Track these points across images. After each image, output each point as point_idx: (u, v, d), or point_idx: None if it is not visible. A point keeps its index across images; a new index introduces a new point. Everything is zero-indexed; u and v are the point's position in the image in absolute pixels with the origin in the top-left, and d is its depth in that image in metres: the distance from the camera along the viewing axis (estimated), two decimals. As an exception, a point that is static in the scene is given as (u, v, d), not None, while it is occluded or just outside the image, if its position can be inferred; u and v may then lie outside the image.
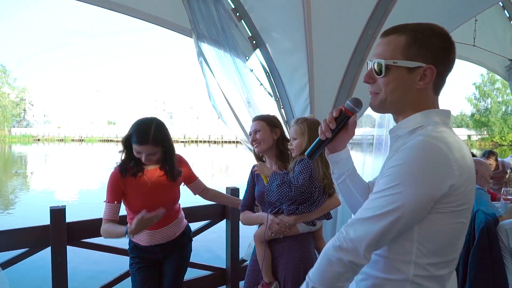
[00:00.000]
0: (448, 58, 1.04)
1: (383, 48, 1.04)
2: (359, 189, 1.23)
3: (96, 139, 66.72)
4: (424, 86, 1.02)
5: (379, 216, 0.93)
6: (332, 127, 1.11)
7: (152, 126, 2.01)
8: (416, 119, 1.04)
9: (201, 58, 2.80)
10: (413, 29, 1.02)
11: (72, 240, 2.50)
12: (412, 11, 3.01)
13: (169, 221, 2.23)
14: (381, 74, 1.03)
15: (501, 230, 2.37)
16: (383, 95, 1.04)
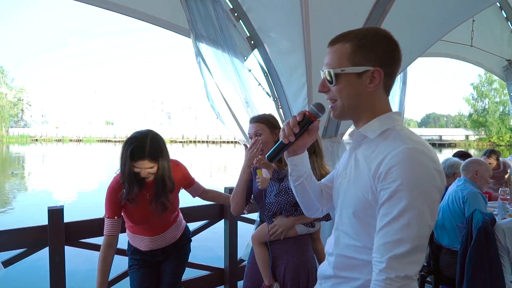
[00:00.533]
0: (394, 59, 1.09)
1: (331, 57, 1.09)
2: (314, 191, 1.29)
3: (94, 139, 66.61)
4: (374, 89, 1.07)
5: (415, 237, 0.93)
6: (296, 131, 1.13)
7: (147, 139, 1.97)
8: (383, 121, 1.08)
9: (199, 58, 2.80)
10: (357, 35, 1.07)
11: (70, 240, 2.50)
12: (410, 11, 3.01)
13: (169, 226, 2.25)
14: (333, 83, 1.08)
15: (498, 229, 2.38)
16: (340, 102, 1.09)
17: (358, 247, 1.09)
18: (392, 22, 2.90)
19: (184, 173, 2.29)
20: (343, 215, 1.15)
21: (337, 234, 1.17)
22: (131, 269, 2.24)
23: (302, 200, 1.31)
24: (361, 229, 1.07)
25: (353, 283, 1.10)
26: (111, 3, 2.77)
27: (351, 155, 1.15)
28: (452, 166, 3.77)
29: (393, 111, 1.12)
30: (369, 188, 1.02)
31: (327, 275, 1.19)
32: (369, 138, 1.09)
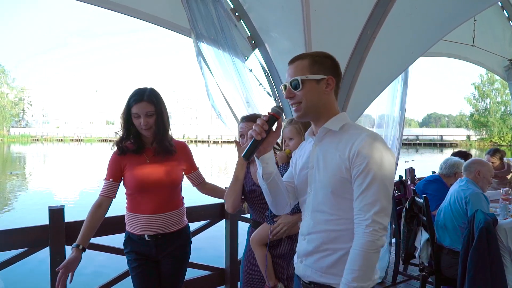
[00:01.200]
0: (338, 71, 1.42)
1: (294, 71, 1.38)
2: (284, 186, 1.49)
3: (95, 139, 66.66)
4: (330, 92, 1.39)
5: (384, 198, 1.26)
6: (265, 129, 1.33)
7: (147, 88, 2.13)
8: (340, 118, 1.40)
9: (200, 58, 2.80)
10: (311, 54, 1.40)
11: (71, 240, 2.49)
12: (411, 11, 3.01)
13: (168, 208, 2.17)
14: (298, 89, 1.36)
15: (500, 229, 2.37)
16: (304, 103, 1.37)
17: (336, 220, 1.33)
18: (393, 22, 2.89)
19: (190, 154, 2.33)
20: (318, 197, 1.38)
21: (313, 215, 1.39)
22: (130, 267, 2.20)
23: (274, 196, 1.48)
24: (337, 204, 1.33)
25: (338, 253, 1.33)
26: (112, 3, 2.77)
27: (315, 149, 1.42)
28: (453, 165, 3.76)
29: (341, 112, 1.45)
30: (343, 168, 1.30)
31: (308, 251, 1.40)
32: (331, 132, 1.38)
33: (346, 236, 1.31)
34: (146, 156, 2.15)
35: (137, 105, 2.06)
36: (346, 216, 1.31)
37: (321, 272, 1.36)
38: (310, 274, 1.39)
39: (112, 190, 2.14)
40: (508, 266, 2.30)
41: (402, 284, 3.74)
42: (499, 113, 49.94)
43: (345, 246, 1.31)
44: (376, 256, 1.25)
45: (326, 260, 1.35)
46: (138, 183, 2.11)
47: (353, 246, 1.26)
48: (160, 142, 2.15)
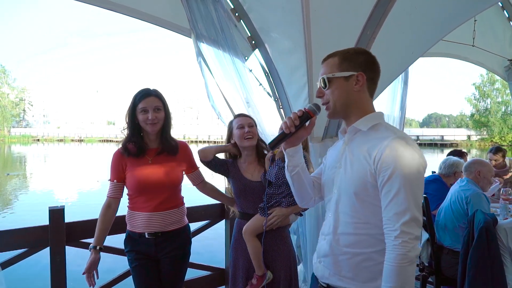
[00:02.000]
0: (373, 66, 1.36)
1: (324, 69, 1.36)
2: (309, 181, 1.50)
3: (95, 139, 66.68)
4: (360, 89, 1.33)
5: (414, 206, 1.19)
6: (296, 124, 1.33)
7: (151, 88, 2.19)
8: (371, 118, 1.34)
9: (200, 58, 2.80)
10: (342, 51, 1.36)
11: (71, 240, 2.50)
12: (411, 11, 3.00)
13: (169, 207, 2.19)
14: (326, 87, 1.34)
15: (500, 229, 2.38)
16: (332, 101, 1.34)
17: (359, 224, 1.29)
18: (393, 22, 2.89)
19: (190, 154, 2.36)
20: (342, 198, 1.34)
21: (336, 216, 1.36)
22: (131, 267, 2.22)
23: (298, 189, 1.50)
24: (360, 208, 1.28)
25: (357, 258, 1.29)
26: (111, 3, 2.77)
27: (344, 149, 1.37)
28: (452, 165, 3.76)
29: (378, 111, 1.38)
30: (368, 171, 1.25)
31: (327, 253, 1.37)
32: (362, 131, 1.33)
33: (366, 241, 1.28)
34: (148, 157, 2.17)
35: (145, 100, 2.10)
36: (368, 220, 1.28)
37: (339, 275, 1.33)
38: (328, 276, 1.37)
39: (118, 191, 2.19)
40: (508, 265, 2.30)
41: (402, 284, 3.73)
42: (499, 113, 49.86)
43: (364, 251, 1.28)
44: (411, 268, 1.19)
45: (344, 264, 1.32)
46: (138, 184, 2.14)
47: (385, 259, 1.21)
48: (166, 140, 2.20)
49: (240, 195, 2.31)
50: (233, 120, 2.37)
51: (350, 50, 1.37)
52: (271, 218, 2.14)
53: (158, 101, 2.13)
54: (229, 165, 2.36)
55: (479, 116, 51.57)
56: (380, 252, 1.26)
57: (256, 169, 2.33)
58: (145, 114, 2.10)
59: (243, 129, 2.23)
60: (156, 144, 2.22)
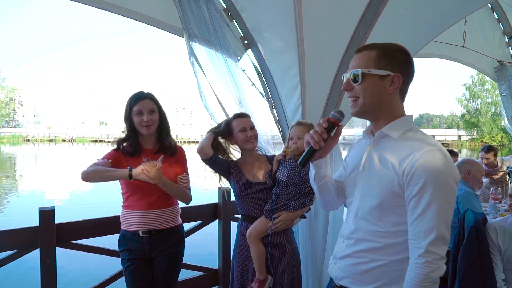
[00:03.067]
0: (410, 69, 1.27)
1: (358, 61, 1.26)
2: (335, 188, 1.46)
3: (87, 140, 66.03)
4: (393, 91, 1.24)
5: (443, 225, 1.14)
6: (324, 137, 1.25)
7: (145, 91, 2.24)
8: (402, 123, 1.25)
9: (193, 58, 2.78)
10: (382, 46, 1.26)
11: (62, 242, 2.47)
12: (402, 12, 3.03)
13: (162, 206, 2.21)
14: (357, 82, 1.24)
15: (490, 228, 2.40)
16: (362, 99, 1.25)
17: (380, 232, 1.24)
18: (385, 22, 2.91)
19: (185, 158, 2.37)
20: (364, 204, 1.29)
21: (356, 221, 1.31)
22: (124, 266, 2.21)
23: (324, 197, 1.47)
24: (384, 216, 1.23)
25: (374, 263, 1.25)
26: (103, 2, 2.75)
27: (369, 152, 1.30)
28: None
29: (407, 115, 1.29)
30: (396, 181, 1.18)
31: (344, 255, 1.34)
32: (390, 137, 1.25)
33: (385, 250, 1.24)
34: (144, 157, 2.16)
35: (139, 103, 2.14)
36: (389, 229, 1.23)
37: (352, 278, 1.31)
38: (341, 277, 1.35)
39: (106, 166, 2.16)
40: (497, 263, 2.33)
41: (394, 283, 3.76)
42: (489, 113, 50.53)
43: (382, 258, 1.24)
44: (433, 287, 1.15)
45: (359, 267, 1.29)
46: (132, 184, 2.13)
47: (407, 275, 1.18)
48: (164, 142, 2.23)
49: (243, 197, 2.25)
50: (233, 120, 2.29)
51: (391, 46, 1.26)
52: (277, 223, 2.09)
53: (152, 103, 2.18)
54: (230, 166, 2.30)
55: (469, 116, 52.21)
56: (398, 261, 1.23)
57: (257, 170, 2.29)
58: (140, 116, 2.14)
59: (246, 132, 2.20)
60: (151, 144, 2.25)
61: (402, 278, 1.22)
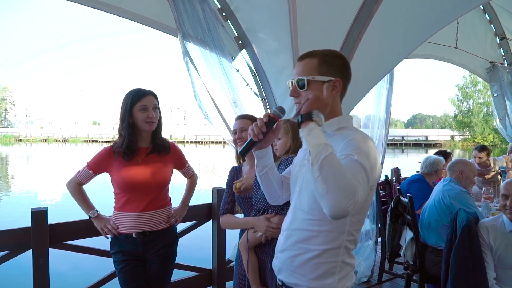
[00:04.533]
0: (348, 73, 1.38)
1: (302, 69, 1.35)
2: (277, 181, 1.53)
3: (80, 140, 65.54)
4: (335, 95, 1.35)
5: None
6: (263, 131, 1.34)
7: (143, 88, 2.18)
8: (339, 120, 1.37)
9: (187, 58, 2.78)
10: (321, 53, 1.35)
11: (55, 242, 2.45)
12: (396, 13, 3.05)
13: (156, 207, 2.19)
14: (303, 88, 1.32)
15: (482, 227, 2.42)
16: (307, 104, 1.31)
17: (312, 220, 1.30)
18: (378, 23, 2.93)
19: (179, 152, 2.37)
20: (302, 195, 1.36)
21: (294, 212, 1.39)
22: (116, 268, 2.18)
23: (266, 188, 1.54)
24: (316, 205, 1.25)
25: (309, 254, 1.30)
26: (98, 2, 2.74)
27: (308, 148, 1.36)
28: (432, 164, 3.85)
29: (345, 114, 1.42)
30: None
31: (283, 248, 1.40)
32: (326, 133, 1.33)
33: (319, 238, 1.29)
34: (138, 157, 2.16)
35: (144, 98, 2.11)
36: (322, 217, 1.26)
37: (290, 271, 1.35)
38: (281, 271, 1.40)
39: (88, 179, 2.21)
40: (489, 262, 2.35)
41: (388, 283, 3.78)
42: (481, 114, 51.04)
43: (316, 247, 1.29)
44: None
45: (296, 259, 1.34)
46: (126, 184, 2.13)
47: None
48: (157, 141, 2.21)
49: (243, 201, 2.18)
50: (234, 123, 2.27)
51: (329, 53, 1.36)
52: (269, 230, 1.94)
53: (155, 100, 2.16)
54: (234, 175, 2.25)
55: (462, 116, 52.70)
56: (331, 250, 1.28)
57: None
58: (145, 112, 2.10)
59: (235, 135, 2.16)
60: (146, 143, 2.21)
61: (337, 270, 1.29)
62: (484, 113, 50.67)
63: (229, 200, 2.22)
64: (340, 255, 1.29)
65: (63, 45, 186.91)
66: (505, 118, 6.50)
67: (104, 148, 2.20)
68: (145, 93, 2.13)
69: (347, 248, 1.31)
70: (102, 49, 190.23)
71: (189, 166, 2.48)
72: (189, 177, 2.52)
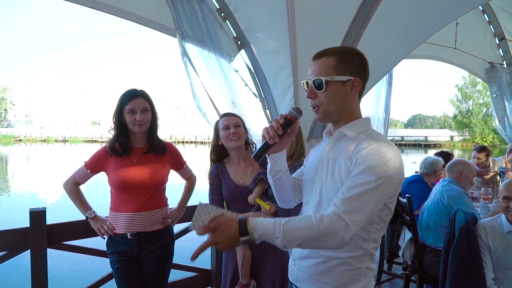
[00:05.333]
0: (366, 71, 1.31)
1: (318, 68, 1.27)
2: (291, 184, 1.46)
3: (80, 140, 65.48)
4: (354, 95, 1.29)
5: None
6: (280, 133, 1.28)
7: (138, 89, 2.17)
8: (360, 123, 1.30)
9: (185, 58, 2.78)
10: (338, 51, 1.27)
11: (53, 243, 2.45)
12: (395, 13, 3.05)
13: (151, 207, 2.18)
14: (321, 89, 1.25)
15: (480, 228, 2.43)
16: (325, 106, 1.27)
17: None
18: (377, 24, 2.93)
19: (177, 153, 2.37)
20: (322, 203, 1.29)
21: None
22: (113, 268, 2.18)
23: (279, 192, 1.47)
24: None
25: (332, 262, 1.25)
26: (96, 2, 2.74)
27: (328, 151, 1.33)
28: (431, 164, 3.85)
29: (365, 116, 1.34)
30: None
31: (303, 255, 1.33)
32: (347, 136, 1.28)
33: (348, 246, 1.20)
34: (134, 157, 2.15)
35: (133, 101, 2.09)
36: (360, 239, 1.23)
37: (313, 279, 1.30)
38: (302, 280, 1.34)
39: (85, 178, 2.22)
40: (487, 262, 2.35)
41: (387, 283, 3.78)
42: (481, 114, 51.02)
43: (340, 255, 1.24)
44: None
45: (319, 267, 1.28)
46: (122, 184, 2.13)
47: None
48: (153, 141, 2.20)
49: (230, 201, 2.21)
50: (219, 120, 2.27)
51: (346, 50, 1.28)
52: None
53: (145, 102, 2.12)
54: (219, 173, 2.25)
55: (461, 117, 52.69)
56: (356, 258, 1.25)
57: (244, 172, 2.23)
58: (132, 115, 2.09)
59: (229, 130, 2.14)
60: (142, 143, 2.21)
61: (361, 277, 1.25)
62: (484, 114, 50.66)
63: (217, 199, 2.23)
64: (365, 261, 1.26)
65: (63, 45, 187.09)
66: (504, 118, 6.50)
67: (101, 148, 2.21)
68: (135, 96, 2.10)
69: (371, 255, 1.27)
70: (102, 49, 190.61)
71: (187, 167, 2.45)
72: (187, 178, 2.50)
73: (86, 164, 2.18)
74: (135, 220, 2.14)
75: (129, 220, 2.13)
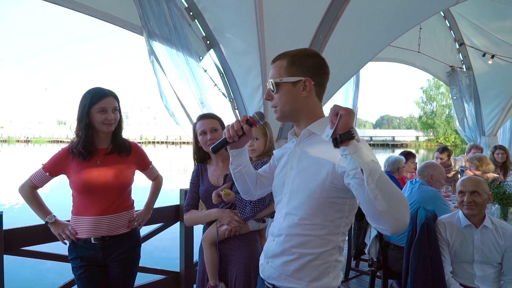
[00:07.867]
0: (321, 71, 1.33)
1: (273, 71, 1.34)
2: (251, 178, 1.55)
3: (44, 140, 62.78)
4: (307, 95, 1.30)
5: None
6: (239, 134, 1.37)
7: (105, 88, 2.11)
8: (324, 122, 1.27)
9: (153, 57, 2.73)
10: (291, 54, 1.32)
11: (11, 249, 2.33)
12: (361, 16, 3.14)
13: (116, 210, 2.10)
14: (274, 91, 1.32)
15: (440, 223, 2.53)
16: (280, 107, 1.32)
17: (308, 225, 1.27)
18: (344, 26, 3.00)
19: (142, 153, 2.30)
20: (292, 200, 1.32)
21: (286, 217, 1.33)
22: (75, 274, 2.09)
23: (240, 184, 1.56)
24: (310, 209, 1.26)
25: (305, 258, 1.28)
26: (59, -3, 2.64)
27: (297, 151, 1.36)
28: (395, 162, 4.02)
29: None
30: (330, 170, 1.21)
31: (276, 253, 1.35)
32: (316, 135, 1.31)
33: (315, 242, 1.27)
34: (97, 158, 2.07)
35: (103, 100, 2.02)
36: (316, 222, 1.26)
37: (286, 275, 1.32)
38: (275, 277, 1.35)
39: (44, 182, 2.11)
40: (446, 257, 2.46)
41: (354, 280, 3.88)
42: (444, 115, 53.40)
43: (313, 251, 1.27)
44: None
45: (292, 264, 1.30)
46: (84, 185, 2.03)
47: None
48: (118, 141, 2.13)
49: (204, 200, 2.18)
50: (196, 123, 2.21)
51: (300, 52, 1.32)
52: (232, 221, 2.00)
53: (115, 101, 2.08)
54: (199, 173, 2.23)
55: (426, 118, 54.95)
56: (328, 252, 1.27)
57: (221, 173, 2.20)
58: (103, 114, 2.01)
59: (206, 136, 2.10)
60: (105, 144, 2.13)
61: (331, 270, 1.29)
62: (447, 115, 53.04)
63: (193, 197, 2.20)
64: (334, 254, 1.30)
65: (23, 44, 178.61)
66: (463, 120, 6.84)
67: (61, 149, 2.10)
68: (105, 95, 2.03)
69: (340, 248, 1.31)
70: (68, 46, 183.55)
71: (153, 167, 2.39)
72: (154, 179, 2.42)
73: (45, 167, 2.06)
74: (99, 224, 2.05)
75: (93, 224, 2.04)
